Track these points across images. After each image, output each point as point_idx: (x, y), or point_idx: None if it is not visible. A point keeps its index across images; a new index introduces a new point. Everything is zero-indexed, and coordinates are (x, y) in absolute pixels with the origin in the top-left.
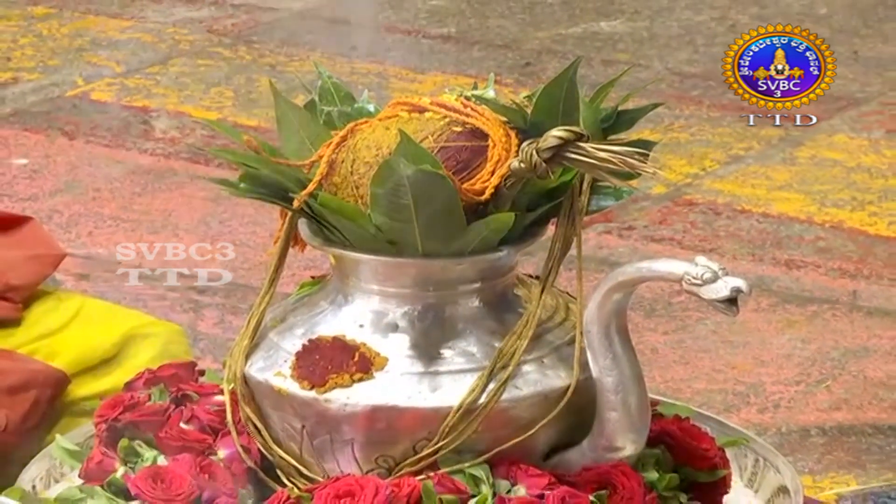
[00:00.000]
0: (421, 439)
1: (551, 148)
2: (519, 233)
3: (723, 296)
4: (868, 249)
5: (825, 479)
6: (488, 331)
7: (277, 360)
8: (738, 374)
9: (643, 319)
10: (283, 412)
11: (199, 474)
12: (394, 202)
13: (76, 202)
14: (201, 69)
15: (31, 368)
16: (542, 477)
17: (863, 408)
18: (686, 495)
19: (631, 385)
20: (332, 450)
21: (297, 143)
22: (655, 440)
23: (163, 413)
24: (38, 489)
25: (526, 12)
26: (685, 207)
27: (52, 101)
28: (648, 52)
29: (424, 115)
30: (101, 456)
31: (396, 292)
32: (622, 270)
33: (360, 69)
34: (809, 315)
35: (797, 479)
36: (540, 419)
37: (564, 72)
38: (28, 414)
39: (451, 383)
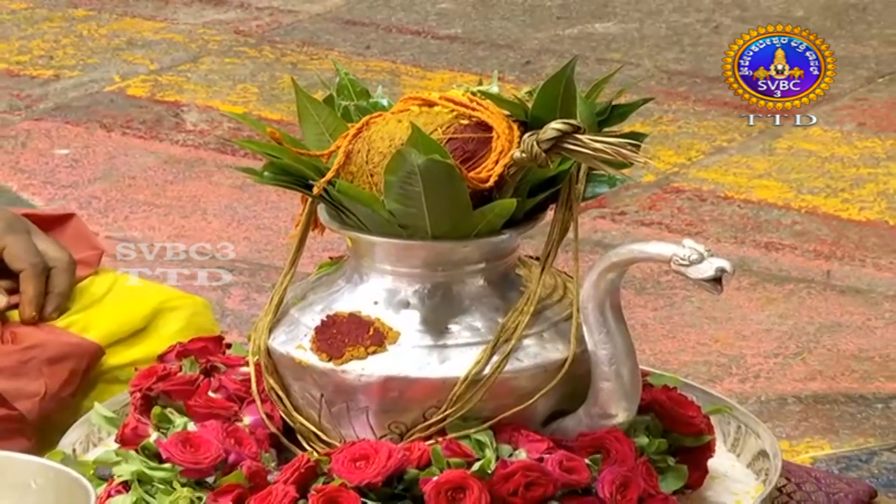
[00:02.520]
0: (430, 407)
1: (550, 139)
2: (520, 217)
3: (708, 275)
4: (841, 233)
5: (801, 444)
6: (492, 307)
7: (298, 334)
8: (721, 347)
9: (634, 297)
10: (303, 382)
11: (225, 439)
12: (405, 189)
13: (113, 189)
14: (228, 67)
15: (68, 341)
16: (541, 442)
17: (836, 378)
18: (674, 459)
19: (623, 357)
20: (348, 417)
21: (316, 135)
22: (646, 408)
23: (193, 383)
24: (77, 452)
25: (526, 14)
26: (673, 194)
27: (91, 97)
28: (639, 51)
29: (434, 109)
30: (135, 422)
31: (408, 272)
32: (615, 252)
33: (375, 67)
34: (787, 293)
35: (776, 444)
36: (540, 389)
37: (562, 69)
38: (65, 383)
39: (458, 356)
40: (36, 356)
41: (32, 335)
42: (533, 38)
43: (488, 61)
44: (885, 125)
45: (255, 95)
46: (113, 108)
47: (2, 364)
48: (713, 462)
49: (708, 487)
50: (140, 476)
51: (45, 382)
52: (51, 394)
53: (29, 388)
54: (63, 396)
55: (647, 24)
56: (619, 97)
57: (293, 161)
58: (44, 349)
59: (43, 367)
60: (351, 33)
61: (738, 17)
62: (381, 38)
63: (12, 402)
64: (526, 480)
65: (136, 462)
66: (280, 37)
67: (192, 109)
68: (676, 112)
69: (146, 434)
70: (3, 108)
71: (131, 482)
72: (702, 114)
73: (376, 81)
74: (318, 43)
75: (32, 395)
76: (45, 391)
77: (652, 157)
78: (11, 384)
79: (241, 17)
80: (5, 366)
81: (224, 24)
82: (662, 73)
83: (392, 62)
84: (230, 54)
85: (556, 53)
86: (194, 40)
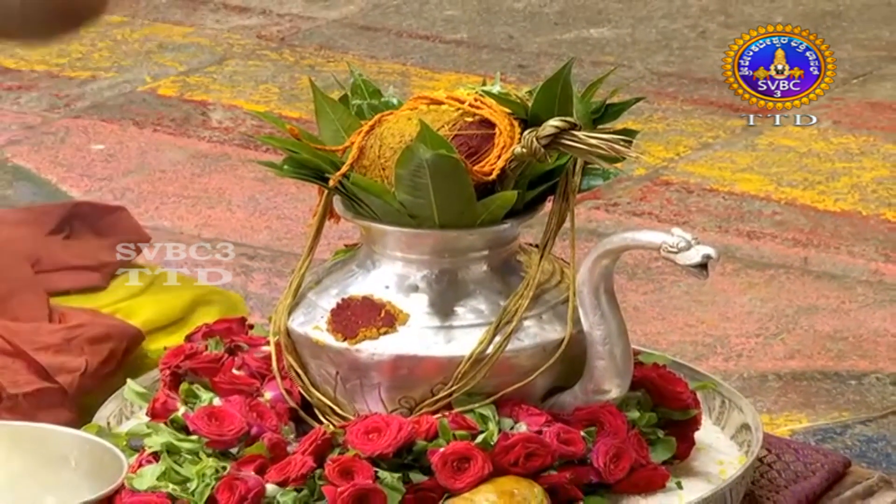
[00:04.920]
0: (437, 384)
1: (549, 136)
2: (521, 208)
3: (695, 262)
4: (817, 222)
5: (780, 418)
6: (495, 291)
7: (315, 316)
8: (707, 328)
9: (626, 282)
10: (320, 360)
11: (248, 413)
12: (415, 181)
13: (145, 182)
14: (251, 69)
15: (110, 324)
16: (540, 416)
17: (812, 357)
18: (663, 431)
19: (616, 338)
20: (361, 392)
21: (332, 132)
22: (637, 384)
23: (218, 361)
24: (111, 425)
25: (526, 21)
26: (662, 187)
27: (124, 96)
28: (631, 54)
29: (441, 107)
30: (165, 397)
31: (417, 258)
32: (609, 240)
33: (386, 69)
34: (767, 278)
35: (757, 418)
36: (539, 367)
37: (560, 71)
38: (105, 361)
39: (463, 336)
40: (79, 335)
41: (79, 316)
42: (533, 43)
43: (491, 64)
44: (859, 123)
45: (275, 95)
46: (145, 107)
47: (48, 341)
48: (699, 434)
49: (694, 458)
50: (169, 447)
51: (86, 360)
52: (91, 370)
53: (71, 363)
54: (103, 374)
55: (638, 30)
56: (613, 97)
57: (311, 155)
58: (87, 329)
59: (85, 345)
60: (364, 38)
61: (722, 22)
62: (392, 43)
63: (54, 376)
64: (526, 451)
65: (166, 434)
66: (299, 41)
67: (218, 108)
68: (665, 111)
69: (175, 408)
70: (44, 106)
71: (161, 453)
72: (689, 112)
73: (387, 82)
74: (334, 47)
75: (73, 370)
76: (86, 368)
77: (643, 152)
78: (55, 359)
79: (263, 22)
80: (51, 343)
81: (247, 29)
82: (653, 75)
83: (402, 64)
84: (253, 57)
85: (553, 56)
86: (220, 44)
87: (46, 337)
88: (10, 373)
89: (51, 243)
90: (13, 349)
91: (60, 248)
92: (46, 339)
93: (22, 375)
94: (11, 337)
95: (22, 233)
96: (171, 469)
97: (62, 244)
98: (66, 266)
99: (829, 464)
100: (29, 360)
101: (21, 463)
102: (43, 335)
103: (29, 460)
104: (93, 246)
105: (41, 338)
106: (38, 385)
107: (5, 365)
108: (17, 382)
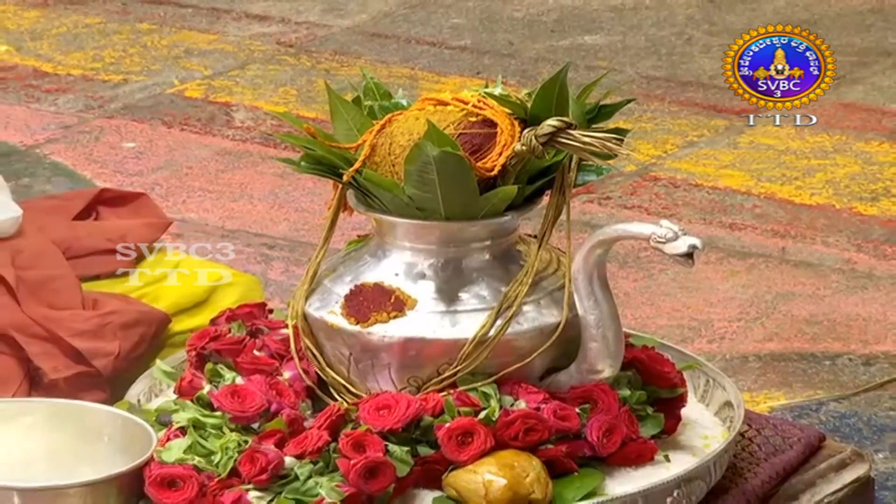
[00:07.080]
0: (443, 364)
1: (547, 134)
2: (520, 201)
3: (682, 251)
4: (794, 215)
5: (760, 396)
6: (496, 278)
7: (330, 301)
8: (692, 312)
9: (618, 270)
10: (334, 342)
11: (268, 391)
12: (422, 177)
13: (172, 177)
14: (271, 72)
15: (141, 309)
16: (538, 394)
17: (790, 340)
18: (652, 408)
19: (609, 321)
20: (373, 372)
21: (346, 131)
22: (628, 365)
23: (240, 343)
24: (141, 402)
25: (525, 28)
26: (651, 182)
27: (154, 98)
28: (622, 59)
29: (446, 108)
30: (191, 376)
31: (424, 248)
32: (602, 231)
33: (396, 72)
34: (748, 266)
35: (739, 396)
36: (537, 349)
37: (556, 75)
38: (136, 345)
39: (467, 320)
40: (112, 321)
41: (110, 303)
42: (531, 49)
43: (493, 68)
44: (833, 123)
45: (294, 97)
46: (173, 108)
47: (83, 327)
48: (686, 411)
49: (681, 433)
50: (195, 422)
51: (120, 344)
52: (124, 354)
53: (105, 348)
54: (134, 357)
55: (629, 37)
56: (605, 99)
57: (326, 153)
58: (119, 315)
59: (118, 330)
60: (376, 44)
61: (707, 30)
62: (401, 49)
63: (90, 360)
64: (525, 426)
65: (192, 410)
66: (315, 47)
67: (241, 109)
68: (654, 112)
69: (200, 386)
70: (79, 107)
71: (187, 427)
72: (676, 113)
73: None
74: (347, 52)
75: (108, 354)
76: (119, 351)
77: (633, 150)
78: (90, 344)
79: (282, 30)
80: (86, 329)
81: (268, 36)
82: (642, 79)
83: (411, 69)
84: (273, 62)
85: (550, 61)
86: (242, 50)
87: (82, 324)
88: (51, 358)
89: (79, 228)
90: (51, 336)
91: (88, 233)
92: (82, 326)
93: (61, 360)
94: (49, 324)
95: (52, 221)
96: (197, 443)
97: (89, 228)
98: (95, 250)
99: (805, 438)
100: (66, 346)
101: (60, 437)
102: (78, 322)
103: (67, 435)
104: (119, 226)
105: (77, 325)
106: (76, 369)
107: (45, 351)
108: (56, 367)
